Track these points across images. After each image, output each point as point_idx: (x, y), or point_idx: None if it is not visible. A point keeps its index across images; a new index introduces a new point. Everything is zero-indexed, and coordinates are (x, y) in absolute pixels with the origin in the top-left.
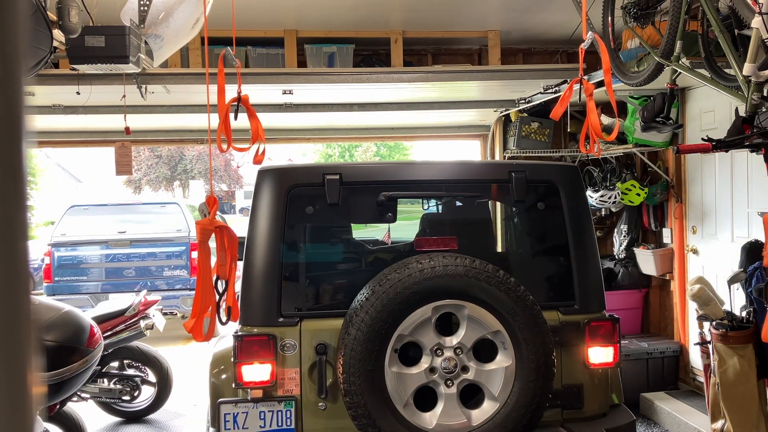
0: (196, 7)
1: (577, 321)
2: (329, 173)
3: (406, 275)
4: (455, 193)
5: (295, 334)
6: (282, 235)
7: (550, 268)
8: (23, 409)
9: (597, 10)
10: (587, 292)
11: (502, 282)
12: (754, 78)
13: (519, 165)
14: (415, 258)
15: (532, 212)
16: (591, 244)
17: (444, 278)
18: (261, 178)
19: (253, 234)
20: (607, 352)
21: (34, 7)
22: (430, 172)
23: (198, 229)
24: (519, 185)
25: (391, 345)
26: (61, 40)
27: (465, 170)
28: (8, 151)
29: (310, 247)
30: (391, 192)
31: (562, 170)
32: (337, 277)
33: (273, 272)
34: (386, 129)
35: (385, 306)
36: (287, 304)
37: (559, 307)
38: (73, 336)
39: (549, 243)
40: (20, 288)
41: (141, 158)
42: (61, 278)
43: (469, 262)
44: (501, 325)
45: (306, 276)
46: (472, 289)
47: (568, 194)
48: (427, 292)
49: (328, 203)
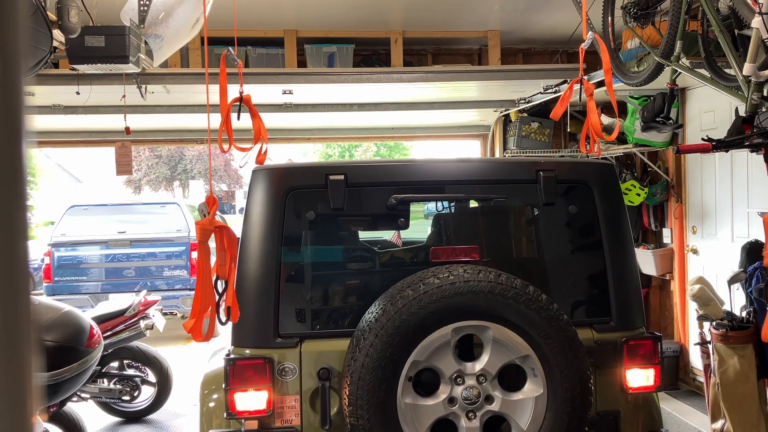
0: (196, 7)
1: (614, 339)
2: (333, 173)
3: (422, 292)
4: (475, 196)
5: (295, 356)
6: (279, 244)
7: (583, 280)
8: (23, 409)
9: (597, 10)
10: (625, 307)
11: (532, 299)
12: (754, 78)
13: (548, 163)
14: (432, 271)
15: (563, 217)
16: (629, 252)
17: (466, 296)
18: (255, 179)
19: (247, 243)
20: (647, 374)
21: (34, 7)
22: (446, 172)
23: (198, 230)
24: (548, 186)
25: (405, 372)
26: (61, 40)
27: (486, 169)
28: (8, 151)
29: (312, 257)
30: (403, 195)
31: (597, 168)
32: (343, 292)
33: (269, 286)
34: (386, 129)
35: (398, 328)
36: (285, 323)
37: (593, 324)
38: (73, 336)
39: (582, 252)
40: (20, 288)
41: (141, 158)
42: (61, 278)
43: (495, 276)
44: (531, 348)
45: (306, 291)
46: (498, 308)
47: (604, 196)
48: (447, 311)
49: (331, 208)
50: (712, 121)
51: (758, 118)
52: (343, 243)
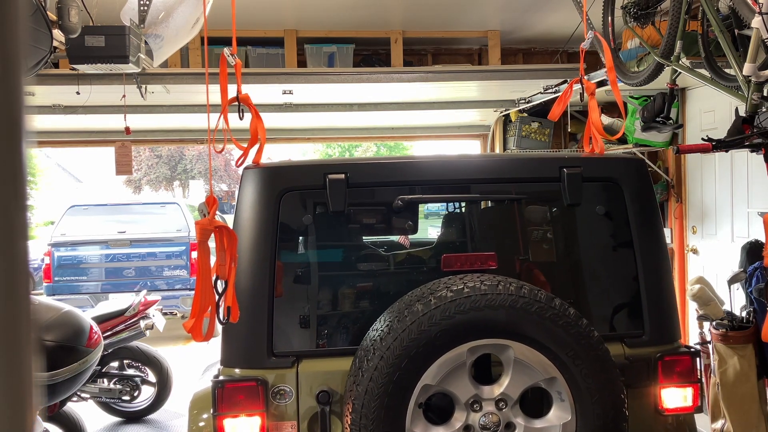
0: (196, 7)
1: (647, 355)
2: (332, 173)
3: (433, 307)
4: (491, 196)
5: (291, 378)
6: (273, 252)
7: (613, 289)
8: (23, 409)
9: (597, 10)
10: (659, 319)
11: (559, 314)
12: (754, 78)
13: (572, 159)
14: (444, 282)
15: (589, 218)
16: (663, 258)
17: (484, 311)
18: (246, 179)
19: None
20: (684, 394)
21: (34, 7)
22: (458, 170)
23: (198, 229)
24: (573, 184)
25: (415, 399)
26: (61, 40)
27: (503, 166)
28: (8, 151)
29: (309, 267)
30: (411, 196)
31: (627, 165)
32: (344, 306)
33: (261, 300)
34: (386, 129)
35: (407, 349)
36: (280, 341)
37: (624, 337)
38: (73, 336)
39: (611, 258)
40: (20, 288)
41: (141, 158)
42: (61, 278)
43: (516, 288)
44: (557, 370)
45: (304, 304)
46: (520, 324)
47: (635, 195)
48: (462, 329)
49: (331, 211)
50: (712, 121)
51: (758, 118)
52: (343, 250)
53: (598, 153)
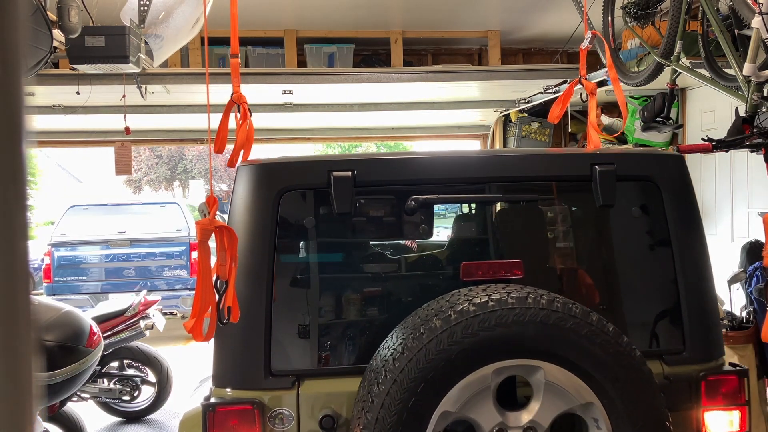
0: (196, 7)
1: (689, 374)
2: (338, 170)
3: (453, 323)
4: (515, 196)
5: (291, 400)
6: (270, 259)
7: (650, 300)
8: (23, 409)
9: (597, 10)
10: (701, 333)
11: (596, 331)
12: (754, 78)
13: (605, 155)
14: (465, 294)
15: (623, 222)
16: (704, 265)
17: (511, 327)
18: (240, 177)
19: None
20: (730, 418)
21: (34, 7)
22: (478, 167)
23: (198, 229)
24: (605, 183)
25: (433, 427)
26: (61, 40)
27: (527, 163)
28: (8, 151)
29: (311, 276)
30: (426, 196)
31: (664, 161)
32: (351, 318)
33: (258, 312)
34: (386, 129)
35: (423, 371)
36: (279, 358)
37: (662, 354)
38: (73, 336)
39: (647, 266)
40: (20, 288)
41: (141, 158)
42: (61, 278)
43: (548, 301)
44: (594, 394)
45: (305, 318)
46: (552, 342)
47: (673, 195)
48: (487, 348)
49: (336, 213)
50: (712, 121)
51: (758, 118)
52: (350, 257)
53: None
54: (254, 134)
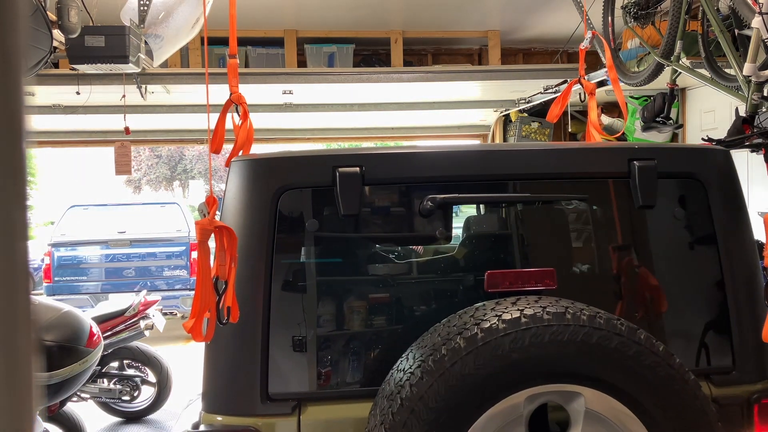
0: (196, 7)
1: (740, 396)
2: (344, 165)
3: (480, 342)
4: (544, 196)
5: (291, 428)
6: (267, 267)
7: (695, 313)
8: (23, 409)
9: (597, 10)
10: (753, 350)
11: (645, 351)
12: (754, 78)
13: (644, 149)
14: (492, 308)
15: (665, 224)
16: (755, 272)
17: (548, 347)
18: (234, 174)
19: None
20: None
21: (34, 7)
22: (502, 163)
23: (198, 230)
24: (645, 181)
25: None
26: (61, 40)
27: (557, 158)
28: (8, 151)
29: (314, 286)
30: (444, 195)
31: (710, 157)
32: (360, 337)
33: (253, 327)
34: (386, 129)
35: (445, 399)
36: (278, 380)
37: (709, 374)
38: (73, 336)
39: (692, 275)
40: (20, 288)
41: (141, 158)
42: (61, 278)
43: (589, 317)
44: (642, 424)
45: (307, 334)
46: (595, 364)
47: (720, 194)
48: (519, 371)
49: (342, 214)
50: (712, 121)
51: (758, 118)
52: (357, 266)
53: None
54: (254, 134)
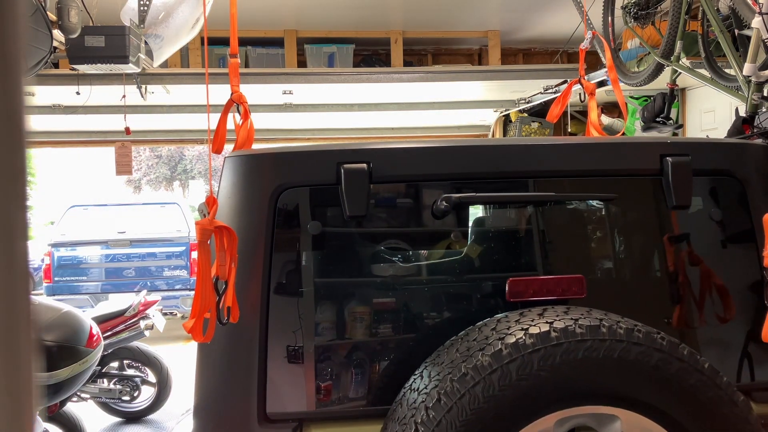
0: (196, 7)
1: None
2: (349, 161)
3: (506, 360)
4: (569, 195)
5: None
6: (266, 274)
7: (734, 323)
8: (23, 409)
9: (597, 10)
10: None
11: (689, 368)
12: (754, 78)
13: (678, 145)
14: (517, 319)
15: (701, 226)
16: None
17: (581, 365)
18: (229, 170)
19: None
20: None
21: (34, 7)
22: (523, 159)
23: (198, 230)
24: (680, 179)
25: None
26: (61, 40)
27: (583, 154)
28: (8, 151)
29: (317, 294)
30: (460, 194)
31: (748, 153)
32: (368, 350)
33: (250, 341)
34: (386, 129)
35: (468, 423)
36: (277, 398)
37: (752, 391)
38: (73, 336)
39: (730, 280)
40: (20, 288)
41: (141, 158)
42: (61, 278)
43: (627, 330)
44: None
45: (310, 348)
46: (633, 383)
47: (760, 193)
48: (549, 392)
49: (348, 215)
50: (712, 121)
51: (758, 118)
52: (364, 272)
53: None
54: (254, 134)
